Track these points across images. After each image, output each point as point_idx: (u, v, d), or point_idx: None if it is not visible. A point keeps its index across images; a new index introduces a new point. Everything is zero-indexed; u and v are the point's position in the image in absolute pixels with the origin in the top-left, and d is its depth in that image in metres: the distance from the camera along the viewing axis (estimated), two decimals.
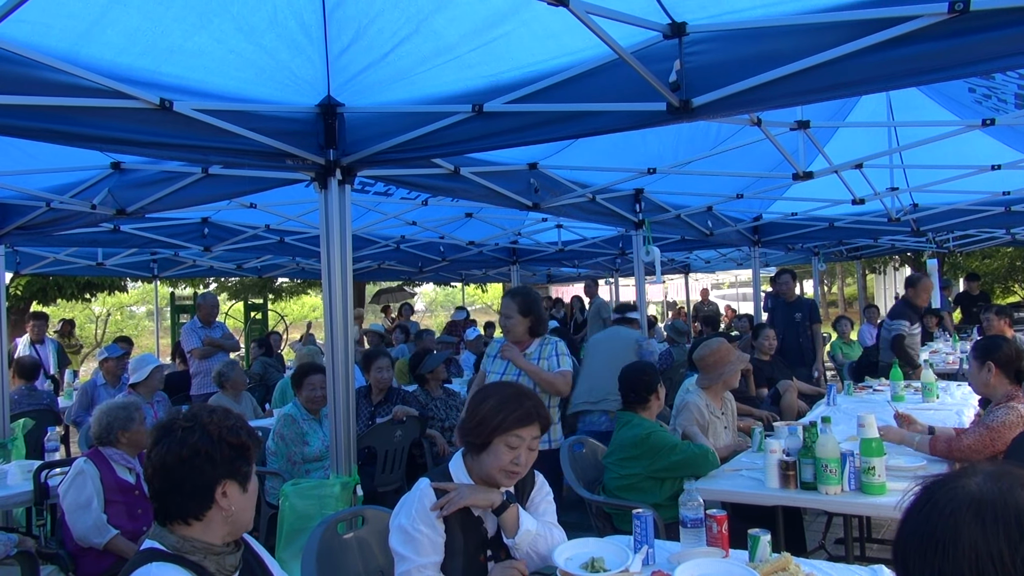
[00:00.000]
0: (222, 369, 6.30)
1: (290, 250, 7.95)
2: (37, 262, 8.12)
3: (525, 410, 2.30)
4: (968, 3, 2.19)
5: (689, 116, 2.82)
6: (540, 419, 2.33)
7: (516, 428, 2.27)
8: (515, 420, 2.28)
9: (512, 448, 2.28)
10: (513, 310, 4.10)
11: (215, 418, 1.84)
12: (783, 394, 6.28)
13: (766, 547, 2.40)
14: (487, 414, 2.30)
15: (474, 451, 2.34)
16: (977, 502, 1.00)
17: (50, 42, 2.57)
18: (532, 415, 2.31)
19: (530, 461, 2.34)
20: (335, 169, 3.52)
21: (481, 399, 2.37)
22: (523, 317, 4.08)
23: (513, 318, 4.09)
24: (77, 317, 23.81)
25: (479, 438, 2.30)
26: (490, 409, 2.30)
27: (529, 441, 2.31)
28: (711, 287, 22.48)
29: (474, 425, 2.32)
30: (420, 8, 2.79)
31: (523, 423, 2.28)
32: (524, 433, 2.29)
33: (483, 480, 2.35)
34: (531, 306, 4.10)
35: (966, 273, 15.64)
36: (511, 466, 2.28)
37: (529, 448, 2.31)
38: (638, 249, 6.30)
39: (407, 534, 2.24)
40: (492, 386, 2.47)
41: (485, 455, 2.31)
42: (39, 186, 4.66)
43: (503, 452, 2.28)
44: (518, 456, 2.29)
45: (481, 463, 2.32)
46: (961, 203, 7.41)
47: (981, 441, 3.41)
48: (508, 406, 2.30)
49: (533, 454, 2.34)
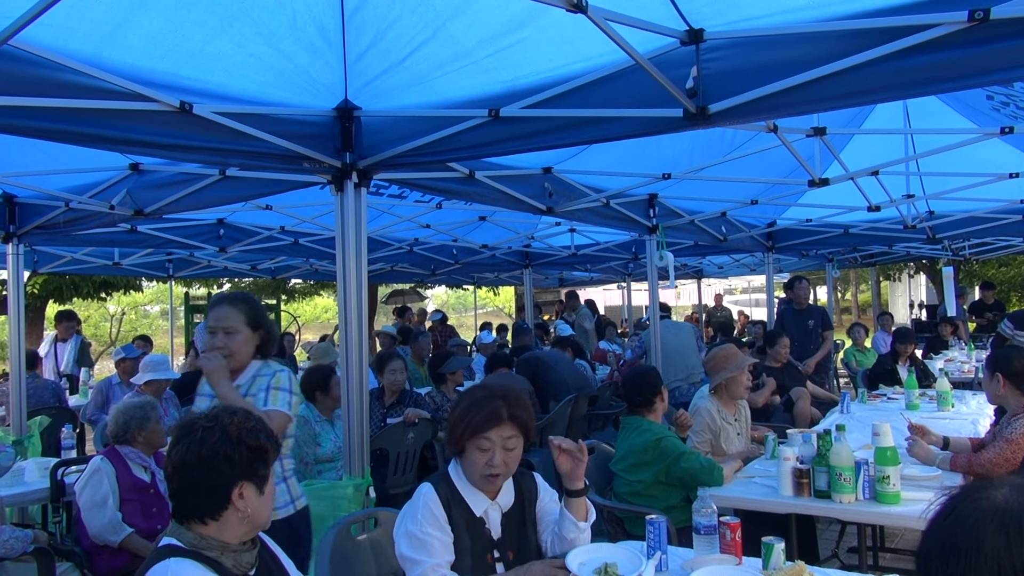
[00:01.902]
0: None
1: (304, 252, 7.99)
2: (54, 261, 8.19)
3: (490, 410, 2.26)
4: (988, 12, 2.18)
5: (706, 123, 2.82)
6: (512, 418, 2.28)
7: (483, 431, 2.25)
8: (480, 422, 2.25)
9: (483, 451, 2.26)
10: (240, 322, 2.93)
11: (235, 419, 1.86)
12: (796, 401, 6.25)
13: (780, 555, 2.40)
14: (456, 419, 2.29)
15: (458, 458, 2.36)
16: (1002, 513, 1.00)
17: (74, 45, 2.60)
18: (499, 415, 2.26)
19: (509, 462, 2.30)
20: (351, 172, 3.54)
21: (456, 404, 2.37)
22: (252, 331, 2.96)
23: (240, 333, 2.92)
24: (92, 316, 24.03)
25: (454, 445, 2.31)
26: (459, 414, 2.29)
27: (501, 442, 2.27)
28: (724, 293, 22.36)
29: (448, 431, 2.34)
30: (438, 13, 2.81)
31: (487, 425, 2.25)
32: (493, 435, 2.26)
33: (474, 484, 2.35)
34: (261, 318, 3.03)
35: (981, 281, 15.49)
36: (487, 468, 2.26)
37: (504, 448, 2.27)
38: (651, 254, 6.29)
39: (416, 539, 2.24)
40: (468, 390, 2.45)
41: (464, 460, 2.32)
42: (58, 186, 4.72)
43: (476, 456, 2.27)
44: (492, 457, 2.26)
45: (466, 468, 2.33)
46: (978, 211, 7.36)
47: (1002, 455, 3.36)
48: (473, 408, 2.28)
49: (511, 455, 2.30)
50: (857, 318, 24.91)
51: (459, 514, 2.30)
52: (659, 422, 3.84)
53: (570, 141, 3.32)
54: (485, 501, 2.37)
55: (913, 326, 12.36)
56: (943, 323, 10.99)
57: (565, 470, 2.43)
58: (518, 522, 2.43)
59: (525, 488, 2.49)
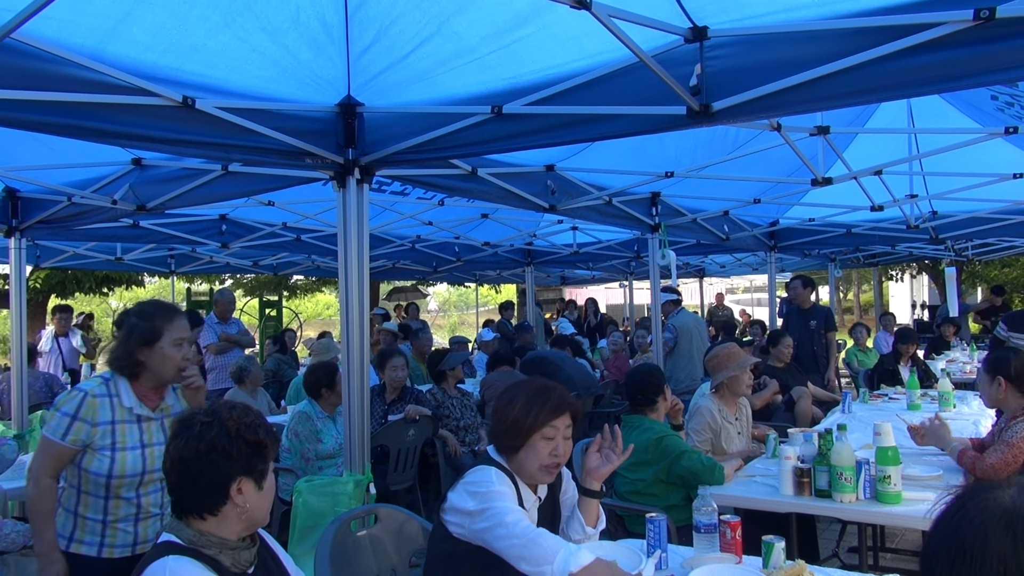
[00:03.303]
0: (243, 364, 6.31)
1: (306, 248, 8.00)
2: (57, 256, 8.21)
3: (555, 401, 2.31)
4: (994, 11, 2.17)
5: (709, 120, 2.81)
6: (571, 407, 2.34)
7: (550, 420, 2.28)
8: (548, 413, 2.28)
9: (549, 440, 2.29)
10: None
11: (234, 414, 1.86)
12: (797, 401, 6.24)
13: (780, 554, 2.40)
14: (518, 414, 2.29)
15: (511, 453, 2.32)
16: (1009, 514, 1.00)
17: (76, 39, 2.60)
18: (563, 405, 2.32)
19: (567, 451, 2.33)
20: (354, 168, 3.54)
21: (508, 401, 2.36)
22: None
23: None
24: (95, 311, 24.04)
25: (516, 440, 2.29)
26: (520, 408, 2.30)
27: (563, 430, 2.32)
28: (725, 292, 22.36)
29: (507, 427, 2.31)
30: (441, 10, 2.81)
31: (555, 414, 2.30)
32: (558, 423, 2.30)
33: (526, 479, 2.34)
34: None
35: (990, 286, 15.44)
36: (550, 459, 2.29)
37: (564, 438, 2.32)
38: (653, 252, 6.29)
39: (495, 494, 2.19)
40: (515, 386, 2.45)
41: (523, 454, 2.30)
42: (61, 181, 4.72)
43: (541, 447, 2.28)
44: (556, 447, 2.29)
45: (521, 464, 2.31)
46: (981, 211, 7.34)
47: (1004, 460, 3.35)
48: (537, 401, 2.30)
49: (569, 443, 2.34)
50: (859, 318, 24.89)
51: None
52: (661, 421, 3.84)
53: (573, 138, 3.31)
54: (532, 496, 2.38)
55: (915, 326, 12.35)
56: (945, 324, 10.99)
57: (592, 466, 2.44)
58: (551, 513, 2.46)
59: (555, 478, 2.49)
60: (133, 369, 2.65)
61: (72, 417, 2.54)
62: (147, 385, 2.70)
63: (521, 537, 2.08)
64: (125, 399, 2.64)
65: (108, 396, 2.62)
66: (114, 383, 2.65)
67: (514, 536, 2.09)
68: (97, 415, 2.58)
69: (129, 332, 2.64)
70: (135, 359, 2.63)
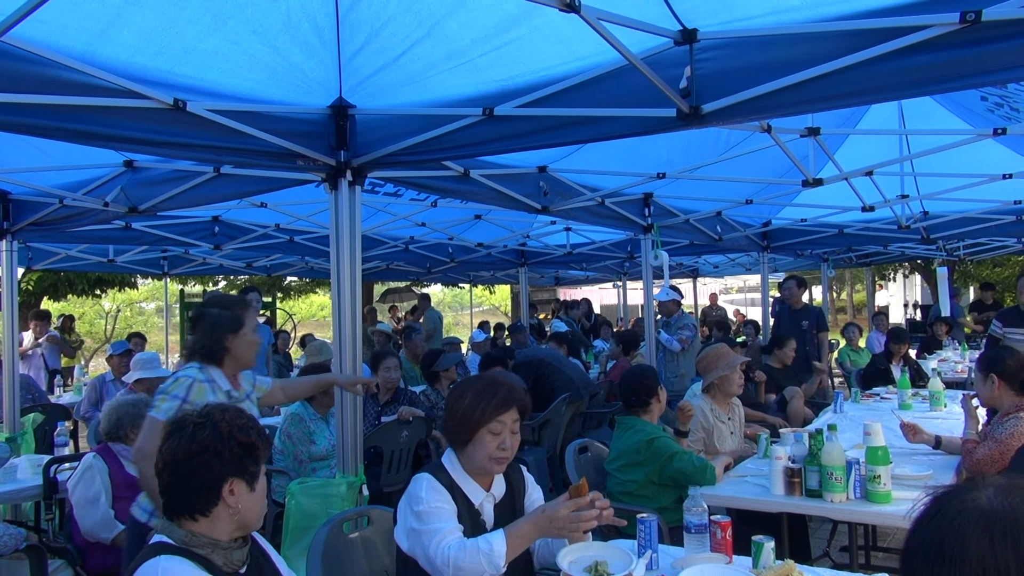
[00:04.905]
0: None
1: (299, 249, 7.98)
2: (49, 258, 8.18)
3: (501, 397, 2.36)
4: (980, 14, 2.19)
5: (699, 122, 2.82)
6: (517, 402, 2.40)
7: (497, 415, 2.34)
8: (494, 408, 2.34)
9: (496, 435, 2.34)
10: None
11: (227, 416, 1.87)
12: (789, 400, 6.26)
13: (770, 554, 2.41)
14: (467, 409, 2.35)
15: (460, 447, 2.40)
16: (986, 515, 1.00)
17: (67, 42, 2.60)
18: (509, 400, 2.37)
19: (515, 444, 2.39)
20: (346, 170, 3.54)
21: (458, 396, 2.42)
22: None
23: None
24: (87, 313, 23.97)
25: (464, 434, 2.36)
26: (469, 403, 2.36)
27: (510, 425, 2.37)
28: (719, 292, 22.39)
29: (456, 422, 2.38)
30: (433, 12, 2.81)
31: (502, 409, 2.35)
32: (504, 418, 2.35)
33: (475, 472, 2.39)
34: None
35: (980, 283, 15.53)
36: (498, 452, 2.35)
37: (511, 432, 2.38)
38: (646, 253, 6.30)
39: (425, 513, 2.25)
40: (465, 382, 2.53)
41: (472, 448, 2.36)
42: (53, 183, 4.71)
43: (488, 441, 2.34)
44: (503, 441, 2.35)
45: (470, 457, 2.37)
46: (972, 212, 7.38)
47: (990, 455, 3.40)
48: (485, 396, 2.36)
49: (516, 437, 2.40)
50: (852, 318, 24.97)
51: (460, 502, 2.33)
52: (655, 423, 3.85)
53: (564, 140, 3.33)
54: (481, 492, 2.40)
55: (907, 326, 12.39)
56: (937, 323, 11.03)
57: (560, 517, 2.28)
58: (509, 513, 2.47)
59: (514, 480, 2.55)
60: (220, 356, 2.90)
61: (183, 400, 2.74)
62: (229, 371, 2.95)
63: (448, 566, 2.15)
64: (221, 383, 2.90)
65: (208, 381, 2.86)
66: (207, 370, 2.88)
67: (438, 569, 2.17)
68: (204, 398, 2.79)
69: (215, 322, 2.89)
70: (223, 346, 2.89)
